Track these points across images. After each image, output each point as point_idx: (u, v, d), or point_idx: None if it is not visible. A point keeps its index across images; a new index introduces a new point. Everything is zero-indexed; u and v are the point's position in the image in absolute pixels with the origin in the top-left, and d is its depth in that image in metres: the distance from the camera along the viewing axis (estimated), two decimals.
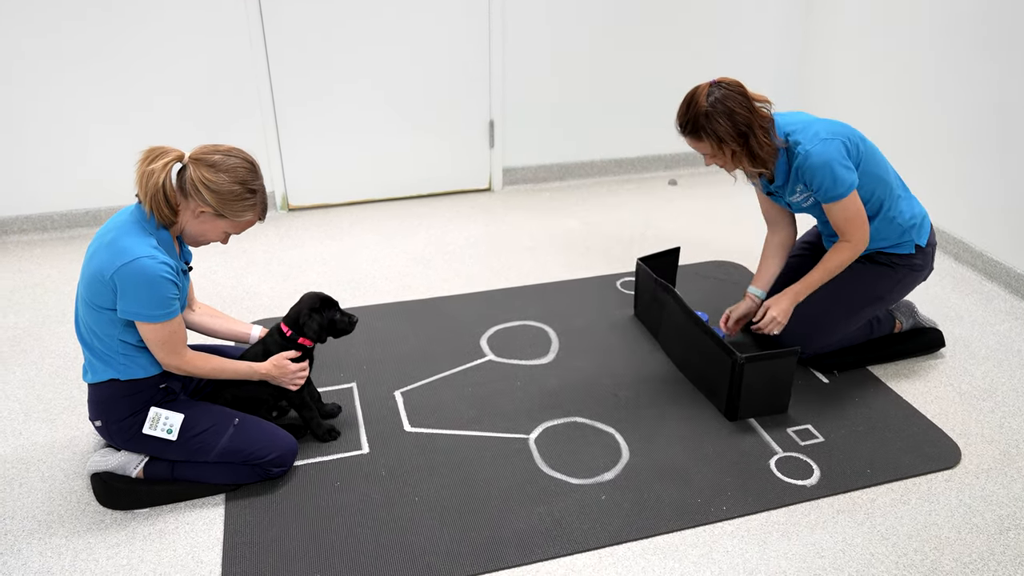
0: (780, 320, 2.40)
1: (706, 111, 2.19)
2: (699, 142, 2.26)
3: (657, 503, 2.05)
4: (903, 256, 2.46)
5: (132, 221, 1.87)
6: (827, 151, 2.22)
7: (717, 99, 2.19)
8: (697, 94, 2.22)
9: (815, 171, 2.23)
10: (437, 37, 3.71)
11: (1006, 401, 2.47)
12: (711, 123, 2.19)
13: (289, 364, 2.11)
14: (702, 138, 2.23)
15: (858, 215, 2.29)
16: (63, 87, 3.37)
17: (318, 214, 3.84)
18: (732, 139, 2.21)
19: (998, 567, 1.88)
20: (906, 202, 2.45)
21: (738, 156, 2.26)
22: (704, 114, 2.19)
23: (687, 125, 2.24)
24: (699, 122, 2.20)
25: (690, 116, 2.23)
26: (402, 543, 1.93)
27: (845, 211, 2.28)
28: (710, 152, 2.27)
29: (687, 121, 2.24)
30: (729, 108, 2.19)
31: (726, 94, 2.20)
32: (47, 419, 2.38)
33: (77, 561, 1.89)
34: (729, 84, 2.23)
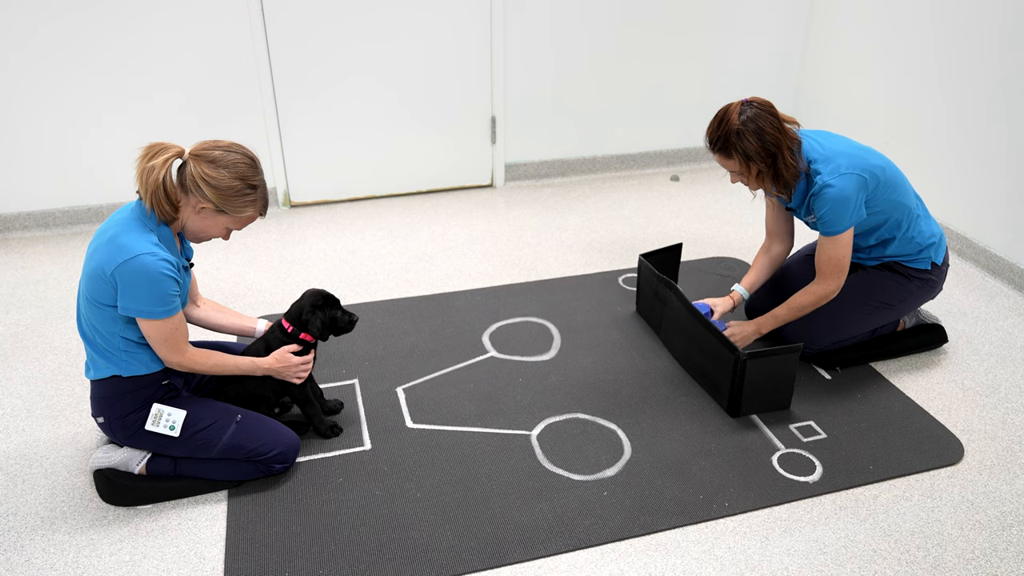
0: (738, 343, 2.48)
1: (737, 129, 2.20)
2: (728, 159, 2.27)
3: (659, 499, 2.05)
4: (919, 270, 2.49)
5: (133, 218, 1.87)
6: (845, 188, 2.24)
7: (749, 118, 2.20)
8: (729, 112, 2.24)
9: (826, 202, 2.25)
10: (439, 33, 3.70)
11: (1009, 397, 2.46)
12: (741, 141, 2.20)
13: (292, 358, 2.11)
14: (732, 155, 2.24)
15: (842, 260, 2.32)
16: (64, 83, 3.36)
17: (320, 210, 3.84)
18: (760, 158, 2.23)
19: (1001, 563, 1.88)
20: (925, 222, 2.47)
21: (763, 176, 2.28)
22: (736, 132, 2.20)
23: (717, 142, 2.25)
24: (730, 140, 2.22)
25: (721, 133, 2.23)
26: (404, 539, 1.93)
27: (833, 249, 2.31)
28: (737, 170, 2.29)
29: (718, 138, 2.25)
30: (760, 127, 2.20)
31: (757, 113, 2.21)
32: (50, 416, 2.38)
33: (80, 557, 1.89)
34: (761, 104, 2.24)
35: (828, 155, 2.29)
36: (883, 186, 2.31)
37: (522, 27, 3.80)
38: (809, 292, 2.40)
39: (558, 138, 4.12)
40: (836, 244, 2.30)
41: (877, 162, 2.31)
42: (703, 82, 4.18)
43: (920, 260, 2.47)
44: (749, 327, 2.52)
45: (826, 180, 2.25)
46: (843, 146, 2.32)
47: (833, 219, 2.26)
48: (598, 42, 3.94)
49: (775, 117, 2.24)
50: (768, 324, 2.50)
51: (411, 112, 3.83)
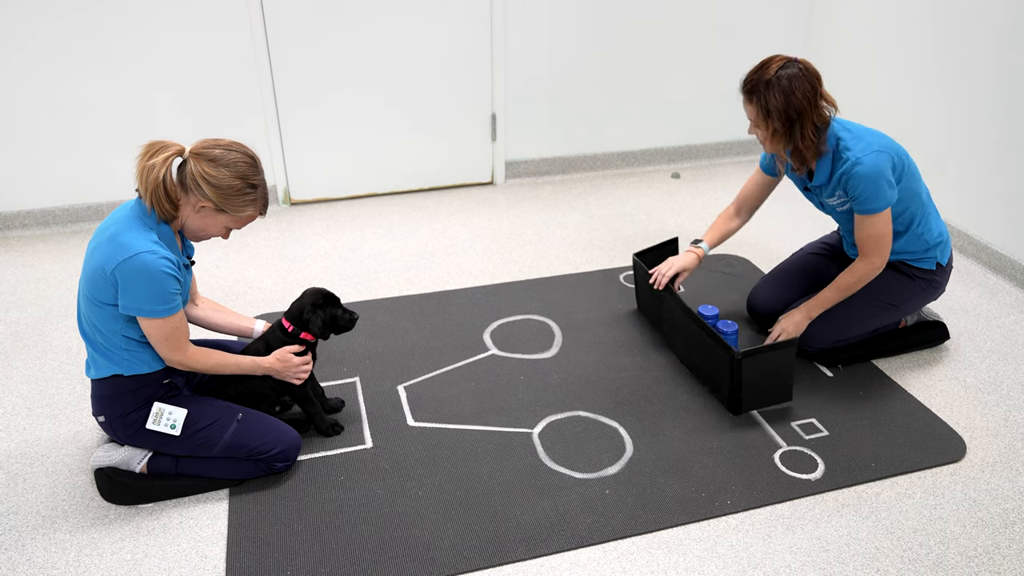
0: (791, 334, 2.46)
1: (769, 80, 2.19)
2: (748, 104, 2.27)
3: (661, 497, 2.05)
4: (924, 270, 2.49)
5: (132, 216, 1.86)
6: (877, 164, 2.23)
7: (786, 75, 2.19)
8: (771, 62, 2.23)
9: (860, 180, 2.24)
10: (439, 30, 3.69)
11: (1011, 394, 2.46)
12: (768, 92, 2.19)
13: (293, 358, 2.11)
14: (752, 102, 2.24)
15: (884, 236, 2.30)
16: (65, 83, 3.36)
17: (320, 208, 3.83)
18: (778, 117, 2.21)
19: (1003, 561, 1.87)
20: (934, 220, 2.47)
21: (777, 137, 2.26)
22: (766, 82, 2.19)
23: (747, 84, 2.25)
24: (758, 87, 2.21)
25: (754, 78, 2.23)
26: (406, 537, 1.93)
27: (874, 227, 2.29)
28: (754, 120, 2.28)
29: (749, 81, 2.25)
30: (791, 88, 2.18)
31: (797, 75, 2.19)
32: (51, 415, 2.38)
33: (81, 556, 1.89)
34: (806, 68, 2.22)
35: (858, 135, 2.29)
36: (906, 173, 2.32)
37: (522, 24, 3.79)
38: (854, 271, 2.37)
39: (559, 135, 4.12)
40: (876, 222, 2.27)
41: (902, 149, 2.32)
42: (704, 79, 4.17)
43: (926, 260, 2.47)
44: (798, 315, 2.48)
45: (858, 156, 2.23)
46: (868, 132, 2.33)
47: (871, 196, 2.24)
48: (598, 39, 3.93)
49: (813, 88, 2.21)
50: (816, 307, 2.46)
51: (411, 109, 3.83)
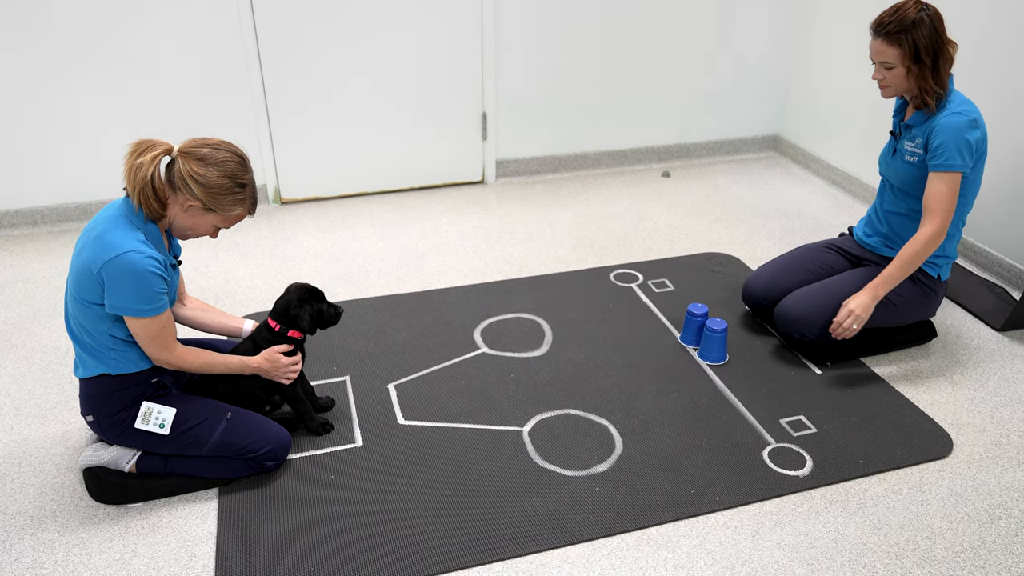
0: (860, 315, 2.39)
1: (915, 19, 2.25)
2: (892, 47, 2.29)
3: (650, 494, 2.06)
4: (927, 275, 2.52)
5: (120, 215, 1.86)
6: (969, 126, 2.29)
7: (927, 15, 2.26)
8: (907, 4, 2.28)
9: (948, 130, 2.29)
10: (430, 28, 3.69)
11: (997, 391, 2.48)
12: (917, 30, 2.25)
13: (281, 358, 2.11)
14: (900, 43, 2.28)
15: (951, 198, 2.32)
16: (54, 82, 3.34)
17: (311, 207, 3.83)
18: (926, 52, 2.27)
19: (989, 556, 1.89)
20: (956, 231, 2.50)
21: (916, 74, 2.30)
22: (912, 21, 2.25)
23: (890, 25, 2.28)
24: (905, 24, 2.26)
25: (897, 18, 2.27)
26: (396, 536, 1.93)
27: (943, 184, 2.31)
28: (895, 60, 2.31)
29: (892, 21, 2.27)
30: (935, 27, 2.26)
31: (935, 15, 2.27)
32: (39, 414, 2.37)
33: (70, 556, 1.89)
34: (936, 11, 2.29)
35: (963, 98, 2.34)
36: (981, 158, 2.36)
37: (513, 23, 3.79)
38: (916, 239, 2.35)
39: (549, 134, 4.12)
40: (947, 179, 2.30)
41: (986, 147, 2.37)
42: (694, 79, 4.19)
43: (931, 266, 2.51)
44: (865, 296, 2.39)
45: (958, 110, 2.29)
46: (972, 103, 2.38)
47: (951, 150, 2.28)
48: (589, 38, 3.94)
49: (944, 29, 2.29)
50: (883, 286, 2.40)
51: (402, 108, 3.82)
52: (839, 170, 4.00)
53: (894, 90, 2.37)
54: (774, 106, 4.39)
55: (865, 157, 3.75)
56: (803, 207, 3.81)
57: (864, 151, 3.78)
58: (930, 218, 2.34)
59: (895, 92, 2.38)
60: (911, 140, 2.42)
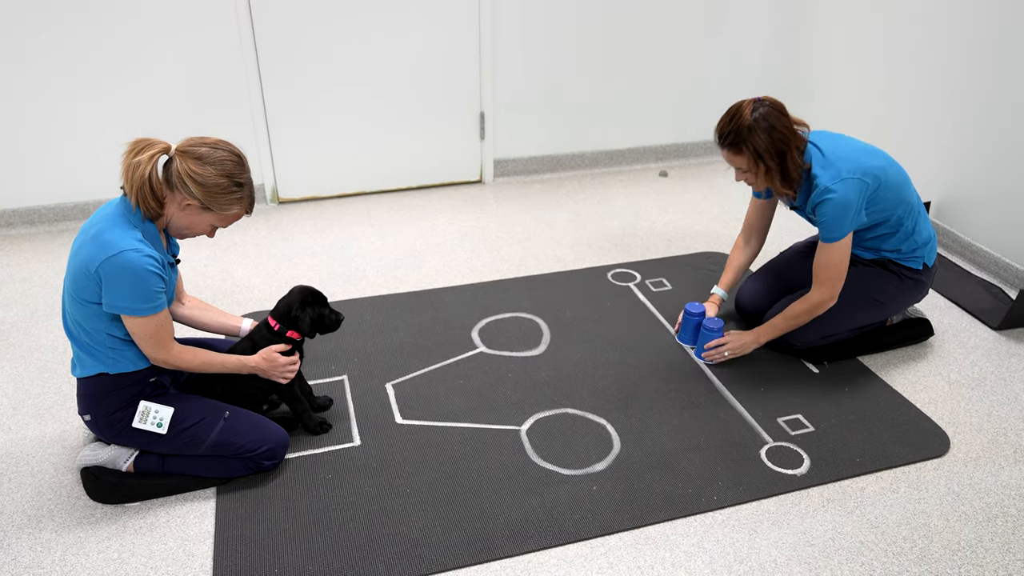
0: (734, 352, 2.52)
1: (749, 125, 2.23)
2: (737, 155, 2.29)
3: (648, 493, 2.06)
4: (911, 269, 2.51)
5: (117, 214, 1.86)
6: (846, 194, 2.25)
7: (761, 115, 2.23)
8: (741, 108, 2.26)
9: (827, 208, 2.27)
10: (428, 29, 3.69)
11: (994, 390, 2.48)
12: (753, 137, 2.23)
13: (279, 357, 2.11)
14: (742, 151, 2.26)
15: (838, 266, 2.32)
16: (52, 82, 3.33)
17: (308, 207, 3.83)
18: (770, 156, 2.25)
19: (986, 554, 1.89)
20: (923, 221, 2.49)
21: (771, 174, 2.30)
22: (747, 127, 2.23)
23: (728, 136, 2.27)
24: (741, 134, 2.24)
25: (732, 128, 2.25)
26: (394, 535, 1.93)
27: (831, 256, 2.31)
28: (745, 167, 2.31)
29: (729, 132, 2.26)
30: (771, 125, 2.23)
31: (769, 111, 2.24)
32: (36, 414, 2.37)
33: (67, 555, 1.88)
34: (772, 103, 2.27)
35: (829, 159, 2.30)
36: (884, 187, 2.32)
37: (511, 23, 3.79)
38: (806, 300, 2.41)
39: (547, 134, 4.12)
40: (834, 250, 2.30)
41: (877, 163, 2.32)
42: (692, 78, 4.19)
43: (913, 259, 2.49)
44: (747, 337, 2.53)
45: (827, 185, 2.26)
46: (844, 149, 2.32)
47: (833, 224, 2.27)
48: (587, 38, 3.94)
49: (786, 117, 2.27)
50: (766, 334, 2.52)
51: (400, 108, 3.82)
52: None
53: (763, 184, 2.36)
54: None
55: None
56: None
57: None
58: (819, 286, 2.36)
59: (765, 185, 2.37)
60: (807, 211, 2.42)
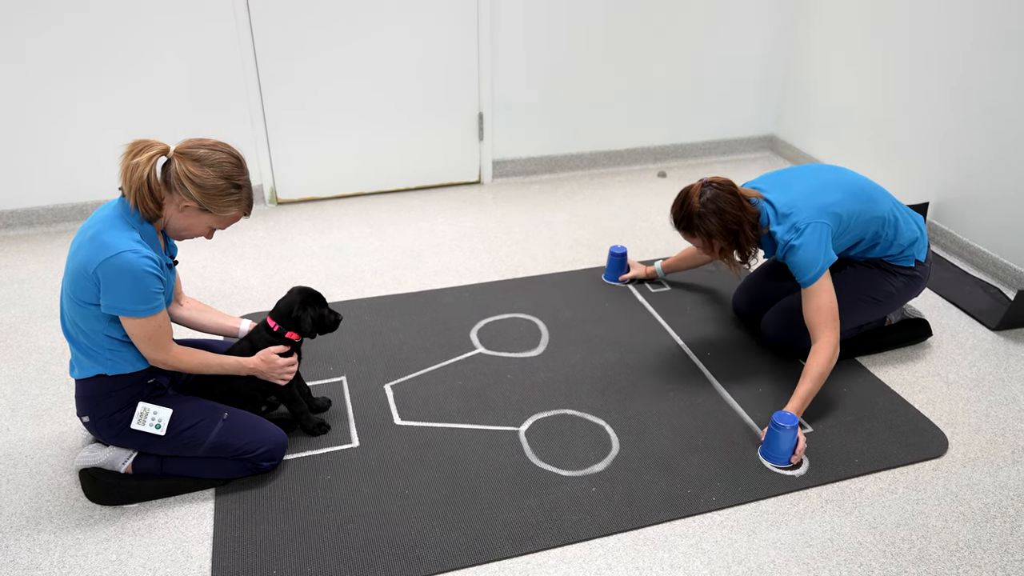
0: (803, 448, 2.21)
1: (699, 211, 2.26)
2: (692, 237, 2.34)
3: (647, 494, 2.06)
4: (903, 267, 2.51)
5: (115, 215, 1.86)
6: (807, 242, 2.25)
7: (708, 199, 2.26)
8: (690, 194, 2.30)
9: (794, 258, 2.28)
10: (427, 29, 3.69)
11: (992, 390, 2.49)
12: (704, 222, 2.26)
13: (277, 359, 2.11)
14: (694, 235, 2.31)
15: (825, 307, 2.26)
16: (50, 82, 3.33)
17: (307, 207, 3.82)
18: (721, 236, 2.28)
19: (984, 554, 1.90)
20: (905, 223, 2.48)
21: (726, 251, 2.33)
22: (697, 214, 2.27)
23: (681, 221, 2.33)
24: (692, 221, 2.29)
25: (684, 214, 2.31)
26: (392, 536, 1.93)
27: (817, 299, 2.26)
28: (701, 247, 2.36)
29: (681, 218, 2.32)
30: (720, 208, 2.25)
31: (717, 194, 2.26)
32: (34, 415, 2.37)
33: (66, 557, 1.88)
34: (720, 184, 2.29)
35: (783, 212, 2.31)
36: (847, 218, 2.33)
37: (509, 23, 3.79)
38: (818, 354, 2.24)
39: (546, 135, 4.12)
40: (817, 292, 2.26)
41: (832, 198, 2.31)
42: (691, 79, 4.19)
43: (903, 258, 2.49)
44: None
45: (787, 239, 2.28)
46: (796, 195, 2.32)
47: (805, 268, 2.26)
48: (586, 39, 3.94)
49: (735, 196, 2.28)
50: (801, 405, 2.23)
51: (399, 109, 3.82)
52: None
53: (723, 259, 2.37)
54: (770, 106, 4.40)
55: (860, 157, 3.76)
56: None
57: (859, 151, 3.78)
58: (819, 333, 2.26)
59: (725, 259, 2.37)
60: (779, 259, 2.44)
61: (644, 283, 3.09)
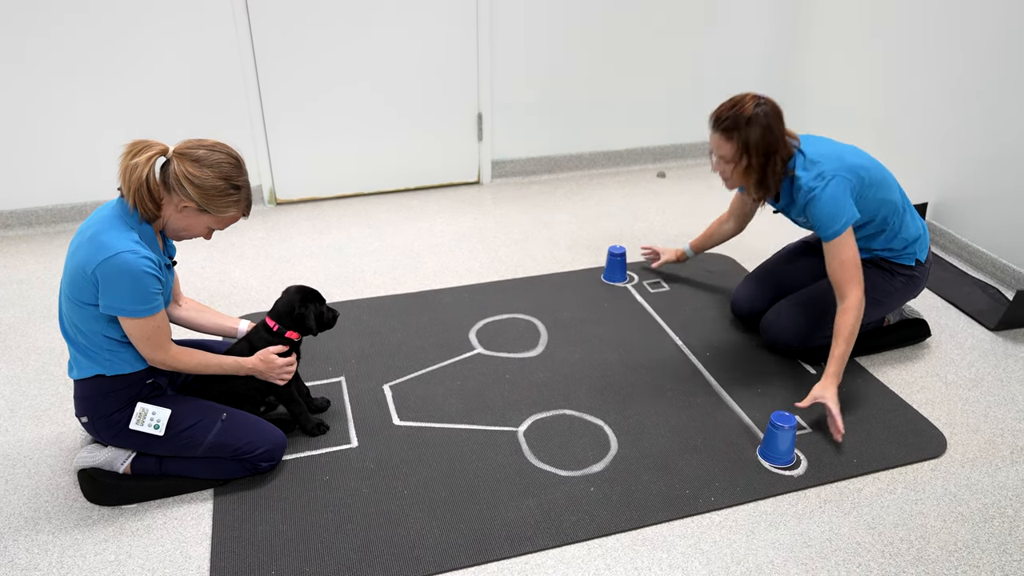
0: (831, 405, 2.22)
1: (750, 116, 2.23)
2: (726, 142, 2.28)
3: (645, 494, 2.06)
4: (903, 266, 2.51)
5: (114, 215, 1.86)
6: (833, 191, 2.25)
7: (763, 112, 2.24)
8: (745, 99, 2.27)
9: (816, 206, 2.26)
10: (426, 29, 3.69)
11: (991, 391, 2.49)
12: (749, 129, 2.23)
13: (276, 359, 2.11)
14: (732, 139, 2.26)
15: (850, 262, 2.26)
16: (49, 83, 3.33)
17: (306, 208, 3.82)
18: (757, 152, 2.26)
19: (983, 555, 1.90)
20: (911, 218, 2.49)
21: (749, 171, 2.30)
22: (747, 119, 2.23)
23: (726, 120, 2.26)
24: (739, 123, 2.24)
25: (733, 114, 2.26)
26: (391, 536, 1.93)
27: (840, 253, 2.26)
28: (729, 156, 2.30)
29: (728, 117, 2.26)
30: (770, 124, 2.24)
31: (770, 112, 2.25)
32: (33, 415, 2.37)
33: (64, 558, 1.88)
34: (773, 105, 2.28)
35: (811, 159, 2.30)
36: (868, 185, 2.32)
37: (508, 24, 3.79)
38: (847, 312, 2.26)
39: (545, 135, 4.12)
40: (841, 246, 2.26)
41: (860, 162, 2.32)
42: (689, 79, 4.19)
43: (904, 256, 2.49)
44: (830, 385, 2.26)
45: (811, 184, 2.26)
46: (826, 149, 2.33)
47: (828, 220, 2.25)
48: (584, 39, 3.94)
49: (781, 124, 2.28)
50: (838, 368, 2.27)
51: (398, 109, 3.82)
52: None
53: (732, 183, 2.37)
54: None
55: None
56: None
57: None
58: (846, 290, 2.27)
59: (734, 185, 2.38)
60: (798, 216, 2.42)
61: (643, 283, 3.09)
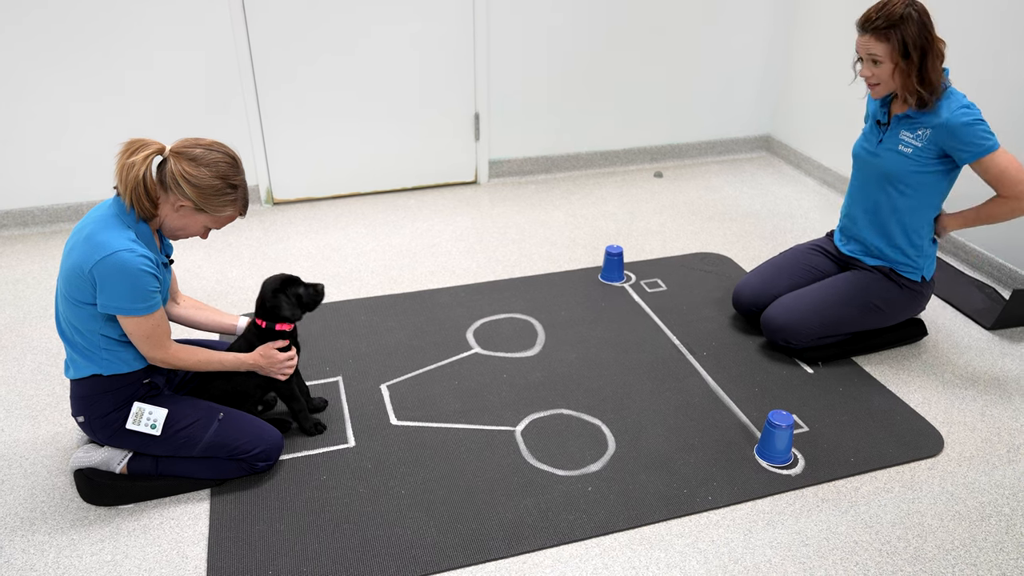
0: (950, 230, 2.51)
1: (903, 14, 2.22)
2: (881, 42, 2.26)
3: (643, 494, 2.06)
4: (910, 280, 2.53)
5: (111, 214, 1.85)
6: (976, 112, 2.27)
7: (914, 10, 2.23)
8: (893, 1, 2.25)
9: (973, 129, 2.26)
10: (422, 30, 3.69)
11: (988, 390, 2.49)
12: (905, 25, 2.22)
13: (277, 353, 2.10)
14: (888, 38, 2.24)
15: (1010, 167, 2.25)
16: (44, 81, 3.32)
17: (303, 208, 3.82)
18: (914, 49, 2.24)
19: (980, 553, 1.90)
20: (928, 230, 2.51)
21: (911, 69, 2.27)
22: (901, 16, 2.22)
23: (879, 20, 2.24)
24: (893, 20, 2.22)
25: (884, 14, 2.24)
26: (388, 536, 1.93)
27: (998, 163, 2.25)
28: (883, 56, 2.28)
29: (879, 17, 2.24)
30: (923, 21, 2.24)
31: (921, 10, 2.24)
32: (29, 416, 2.36)
33: (61, 558, 1.88)
34: (922, 6, 2.26)
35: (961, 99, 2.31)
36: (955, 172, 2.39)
37: (505, 23, 3.79)
38: (997, 202, 2.32)
39: (542, 135, 4.12)
40: (997, 159, 2.25)
41: None
42: (686, 79, 4.20)
43: (913, 271, 2.52)
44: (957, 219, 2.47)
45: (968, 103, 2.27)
46: None
47: (985, 135, 2.25)
48: (582, 38, 3.94)
49: (932, 23, 2.26)
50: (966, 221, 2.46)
51: (395, 109, 3.82)
52: (831, 170, 4.02)
53: (884, 88, 2.35)
54: (766, 106, 4.40)
55: None
56: (795, 207, 3.83)
57: None
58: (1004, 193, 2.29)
59: (885, 90, 2.36)
60: (910, 131, 2.38)
61: (640, 283, 3.09)
